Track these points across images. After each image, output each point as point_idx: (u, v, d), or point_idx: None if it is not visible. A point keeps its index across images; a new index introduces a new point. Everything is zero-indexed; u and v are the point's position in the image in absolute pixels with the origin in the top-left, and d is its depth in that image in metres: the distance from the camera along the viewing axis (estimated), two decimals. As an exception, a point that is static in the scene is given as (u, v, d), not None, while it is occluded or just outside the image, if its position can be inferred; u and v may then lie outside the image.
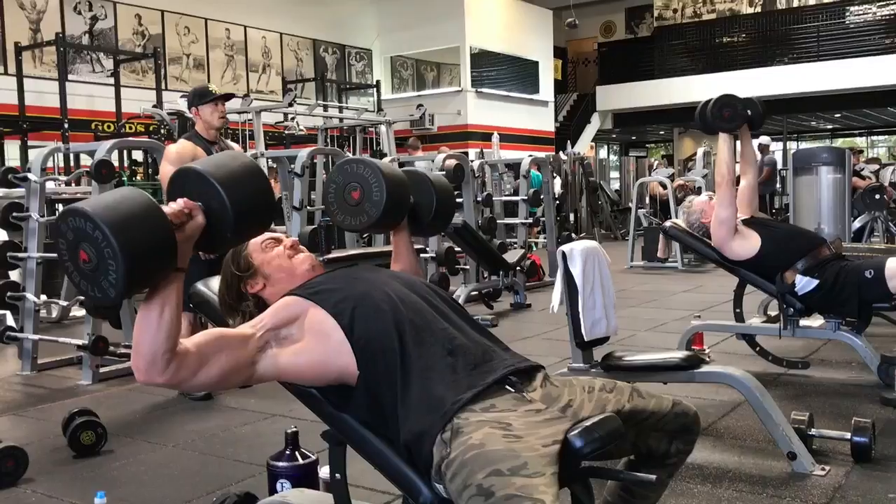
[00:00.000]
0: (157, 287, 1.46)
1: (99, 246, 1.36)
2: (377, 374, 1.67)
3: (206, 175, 1.52)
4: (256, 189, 1.58)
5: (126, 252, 1.35)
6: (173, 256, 1.45)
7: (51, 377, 4.78)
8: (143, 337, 1.47)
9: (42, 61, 12.32)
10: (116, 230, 1.35)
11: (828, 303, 3.85)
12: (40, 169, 4.93)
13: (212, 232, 1.53)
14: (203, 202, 1.52)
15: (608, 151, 26.77)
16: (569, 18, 19.14)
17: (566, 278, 3.08)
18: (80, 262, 1.40)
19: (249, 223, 1.59)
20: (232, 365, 1.59)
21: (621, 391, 1.69)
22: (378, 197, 1.98)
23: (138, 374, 1.50)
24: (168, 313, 1.47)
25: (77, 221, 1.39)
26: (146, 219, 1.40)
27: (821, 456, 2.89)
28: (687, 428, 1.77)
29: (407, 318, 1.68)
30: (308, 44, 17.04)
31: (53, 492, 2.84)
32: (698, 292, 7.72)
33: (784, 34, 20.39)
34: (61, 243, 1.43)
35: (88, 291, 1.42)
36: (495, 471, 1.39)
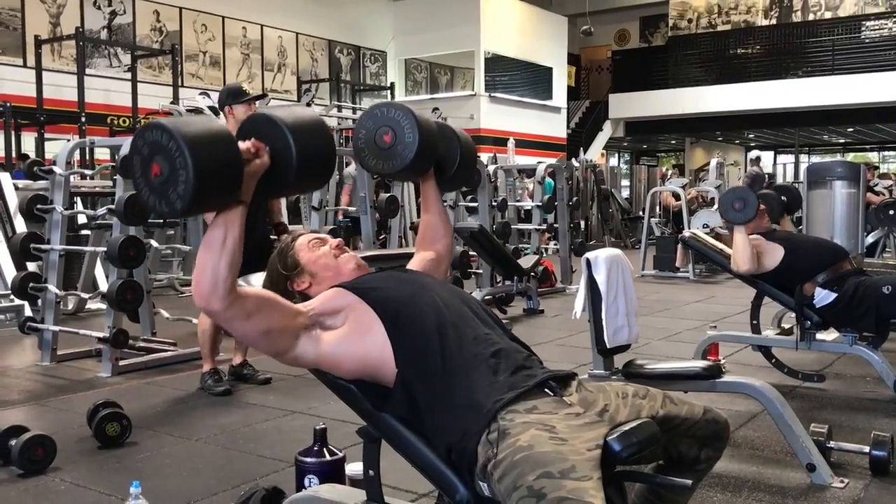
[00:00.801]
0: (221, 214, 1.55)
1: (172, 157, 1.44)
2: (416, 373, 1.70)
3: (276, 120, 1.60)
4: (321, 139, 1.65)
5: (197, 164, 1.43)
6: (239, 184, 1.52)
7: (70, 368, 4.83)
8: (206, 263, 1.54)
9: (61, 55, 12.42)
10: (190, 142, 1.43)
11: (845, 317, 3.88)
12: (65, 162, 4.99)
13: (275, 173, 1.60)
14: (270, 144, 1.59)
15: (619, 159, 26.79)
16: (584, 26, 19.20)
17: (590, 285, 3.11)
18: (151, 177, 1.48)
19: (311, 170, 1.65)
20: (279, 327, 1.66)
21: (654, 397, 1.72)
22: (411, 139, 1.97)
23: (199, 299, 1.57)
24: (231, 242, 1.54)
25: (154, 134, 1.47)
26: (219, 141, 1.49)
27: (839, 469, 2.92)
28: (717, 435, 1.80)
29: (450, 321, 1.72)
30: (323, 44, 17.12)
31: (81, 481, 2.89)
32: (710, 303, 7.74)
33: (799, 47, 20.41)
34: (136, 159, 1.51)
35: (157, 206, 1.50)
36: (546, 473, 1.42)
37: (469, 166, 2.24)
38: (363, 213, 6.09)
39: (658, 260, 10.18)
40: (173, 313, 5.74)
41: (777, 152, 28.39)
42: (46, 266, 4.99)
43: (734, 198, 3.93)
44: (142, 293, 4.66)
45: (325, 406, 3.74)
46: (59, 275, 4.98)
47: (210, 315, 1.60)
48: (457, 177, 2.22)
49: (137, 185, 1.53)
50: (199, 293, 1.56)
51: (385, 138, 2.01)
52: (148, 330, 5.40)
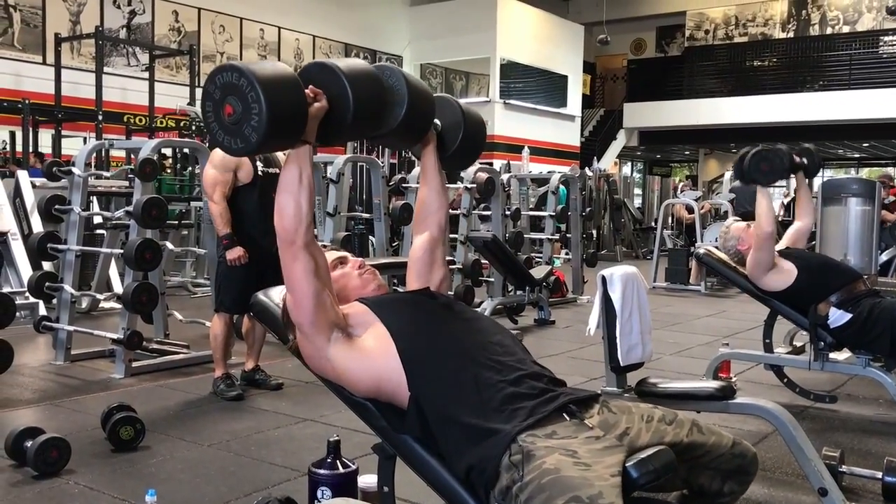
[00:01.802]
0: (292, 155, 1.68)
1: (245, 94, 1.55)
2: (430, 398, 1.71)
3: (332, 67, 1.70)
4: (374, 85, 1.75)
5: (269, 100, 1.54)
6: (304, 122, 1.63)
7: (83, 368, 4.86)
8: (289, 200, 1.68)
9: (80, 53, 12.51)
10: (262, 80, 1.55)
11: (860, 338, 3.86)
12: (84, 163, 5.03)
13: (334, 117, 1.70)
14: (327, 91, 1.68)
15: (632, 169, 26.75)
16: (601, 35, 19.19)
17: (605, 302, 3.11)
18: (224, 118, 1.60)
19: (367, 114, 1.74)
20: (328, 302, 1.76)
21: (681, 424, 1.72)
22: (400, 98, 1.88)
23: (285, 233, 1.69)
24: (306, 178, 1.69)
25: (226, 76, 1.59)
26: (287, 81, 1.60)
27: (851, 493, 2.91)
28: (743, 469, 1.78)
29: (468, 349, 1.73)
30: (340, 47, 17.18)
31: (94, 485, 2.91)
32: (722, 318, 7.72)
33: (815, 60, 20.35)
34: (208, 105, 1.62)
35: (231, 144, 1.61)
36: (575, 497, 1.42)
37: (474, 140, 2.13)
38: (377, 219, 6.11)
39: (670, 272, 10.16)
40: (186, 315, 5.77)
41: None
42: (63, 266, 5.03)
43: (761, 159, 3.92)
44: (157, 296, 4.69)
45: (337, 415, 3.76)
46: (76, 275, 5.02)
47: (290, 252, 1.69)
48: (461, 152, 2.11)
49: (210, 129, 1.64)
50: (284, 228, 1.68)
51: None
52: (161, 331, 5.43)
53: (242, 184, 4.16)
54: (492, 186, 7.07)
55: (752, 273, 3.92)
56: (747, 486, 1.84)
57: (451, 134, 2.09)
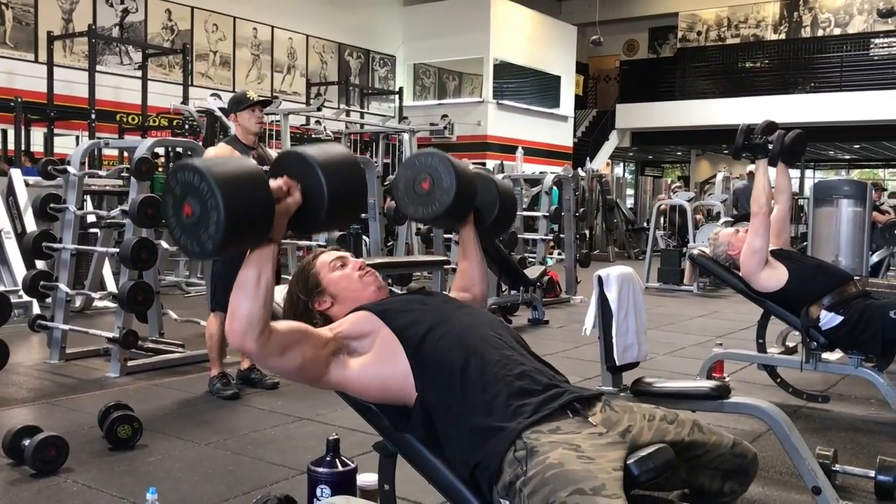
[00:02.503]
0: (254, 254, 1.58)
1: (204, 198, 1.47)
2: (436, 397, 1.72)
3: (308, 158, 1.62)
4: (352, 177, 1.67)
5: (228, 205, 1.45)
6: (270, 223, 1.54)
7: (78, 367, 4.86)
8: (241, 302, 1.57)
9: (72, 51, 12.47)
10: (222, 184, 1.46)
11: (852, 339, 3.89)
12: (79, 162, 5.02)
13: (307, 212, 1.63)
14: (302, 182, 1.61)
15: (624, 169, 26.82)
16: (594, 36, 19.23)
17: (601, 303, 3.13)
18: (183, 217, 1.51)
19: (342, 207, 1.67)
20: (311, 358, 1.69)
21: (682, 424, 1.74)
22: (448, 184, 2.01)
23: (233, 338, 1.60)
24: (264, 280, 1.57)
25: (187, 175, 1.50)
26: (250, 182, 1.51)
27: (844, 492, 2.94)
28: (743, 469, 1.80)
29: (472, 345, 1.74)
30: (333, 47, 17.17)
31: (93, 483, 2.91)
32: (714, 318, 7.76)
33: (807, 62, 20.46)
34: (168, 198, 1.54)
35: (187, 245, 1.53)
36: (578, 490, 1.45)
37: (508, 214, 2.27)
38: (371, 219, 6.12)
39: (662, 273, 10.21)
40: (181, 314, 5.77)
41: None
42: (58, 265, 5.03)
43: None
44: (152, 295, 4.69)
45: (334, 413, 3.77)
46: (70, 274, 5.01)
47: (245, 354, 1.63)
48: (496, 225, 2.25)
49: (170, 225, 1.55)
50: (234, 333, 1.58)
51: (424, 185, 2.07)
52: (156, 330, 5.43)
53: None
54: (486, 187, 7.08)
55: (748, 266, 3.92)
56: (747, 485, 1.86)
57: (487, 210, 2.21)
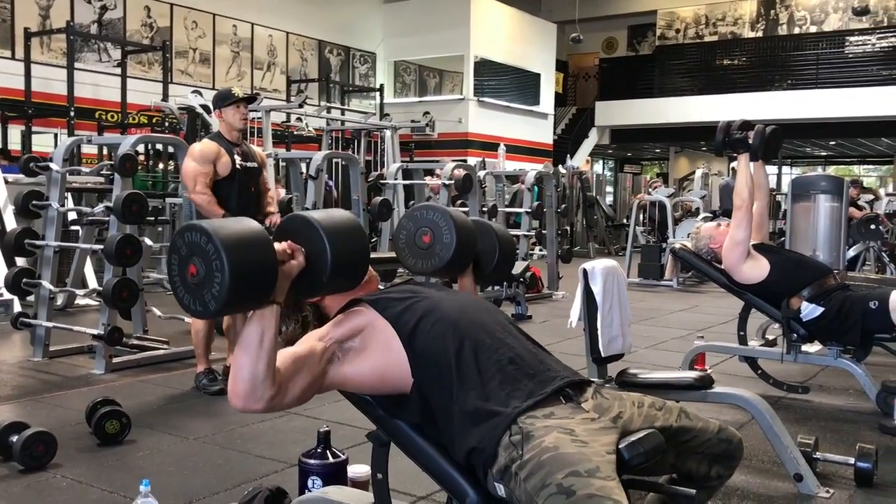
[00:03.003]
0: (256, 315, 1.56)
1: (209, 259, 1.47)
2: (432, 383, 1.75)
3: (314, 223, 1.64)
4: (355, 242, 1.70)
5: (233, 267, 1.46)
6: (273, 285, 1.55)
7: (62, 365, 4.84)
8: (244, 365, 1.55)
9: (50, 48, 12.35)
10: (228, 246, 1.47)
11: (831, 331, 3.97)
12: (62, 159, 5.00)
13: (310, 274, 1.64)
14: (306, 247, 1.63)
15: (604, 166, 26.96)
16: (573, 33, 19.32)
17: (586, 295, 3.18)
18: (187, 276, 1.51)
19: (345, 273, 1.70)
20: (309, 382, 1.69)
21: (670, 410, 1.79)
22: (448, 239, 2.08)
23: (237, 401, 1.57)
24: (267, 342, 1.55)
25: (193, 236, 1.50)
26: (256, 244, 1.51)
27: (824, 479, 3.00)
28: (729, 454, 1.86)
29: (466, 330, 1.77)
30: (314, 44, 17.13)
31: (82, 478, 2.92)
32: (695, 312, 7.84)
33: (784, 60, 20.65)
34: (174, 258, 1.55)
35: (190, 305, 1.53)
36: (574, 472, 1.48)
37: (507, 262, 2.31)
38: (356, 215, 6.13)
39: (643, 268, 10.30)
40: (164, 311, 5.75)
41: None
42: (41, 262, 5.01)
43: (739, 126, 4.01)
44: (137, 291, 4.68)
45: (322, 408, 3.79)
46: (54, 271, 4.99)
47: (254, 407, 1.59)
48: (495, 272, 2.29)
49: (173, 282, 1.56)
50: (237, 395, 1.56)
51: (425, 239, 2.12)
52: (140, 328, 5.42)
53: (221, 177, 4.20)
54: (469, 183, 7.13)
55: (730, 258, 3.97)
56: (733, 470, 1.91)
57: (486, 258, 2.26)
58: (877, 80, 18.91)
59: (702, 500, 1.90)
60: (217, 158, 4.21)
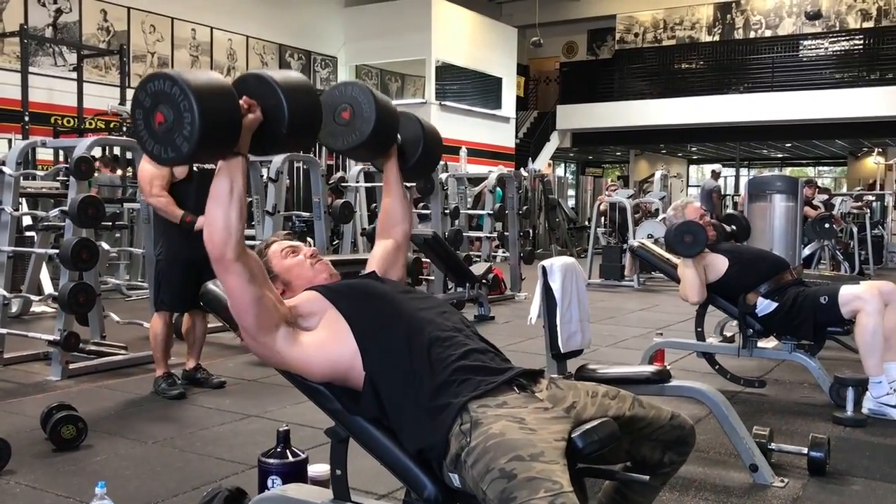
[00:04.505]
0: (223, 166, 1.64)
1: (177, 103, 1.52)
2: (384, 376, 1.76)
3: (267, 78, 1.69)
4: (309, 98, 1.74)
5: (202, 108, 1.51)
6: (238, 133, 1.61)
7: (17, 371, 4.75)
8: (218, 212, 1.64)
9: (3, 52, 12.13)
10: (195, 88, 1.52)
11: (785, 325, 4.06)
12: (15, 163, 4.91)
13: (268, 129, 1.69)
14: (261, 102, 1.68)
15: (566, 169, 27.16)
16: (533, 38, 19.45)
17: (545, 292, 3.20)
18: (154, 125, 1.56)
19: (302, 125, 1.73)
20: (269, 303, 1.75)
21: (623, 399, 1.82)
22: (368, 114, 2.03)
23: (213, 248, 1.65)
24: (237, 191, 1.65)
25: (158, 83, 1.55)
26: (220, 90, 1.58)
27: (779, 469, 3.06)
28: (682, 440, 1.89)
29: (417, 325, 1.79)
30: (274, 48, 17.03)
31: (38, 484, 2.87)
32: (654, 311, 7.94)
33: (740, 63, 21.00)
34: (138, 114, 1.59)
35: (161, 153, 1.58)
36: (517, 456, 1.50)
37: (433, 153, 2.28)
38: (317, 218, 6.11)
39: (604, 269, 10.40)
40: (123, 317, 5.68)
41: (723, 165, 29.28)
42: (-7, 268, 4.91)
43: (684, 231, 4.06)
44: (94, 296, 4.61)
45: (282, 410, 3.77)
46: (7, 277, 4.90)
47: (222, 265, 1.67)
48: (420, 164, 2.26)
49: (140, 137, 1.59)
50: (212, 243, 1.64)
51: (344, 115, 2.08)
52: (98, 333, 5.33)
53: (178, 179, 4.15)
54: (431, 185, 7.14)
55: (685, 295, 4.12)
56: (686, 456, 1.94)
57: (411, 147, 2.22)
58: (830, 83, 19.31)
59: (656, 485, 1.93)
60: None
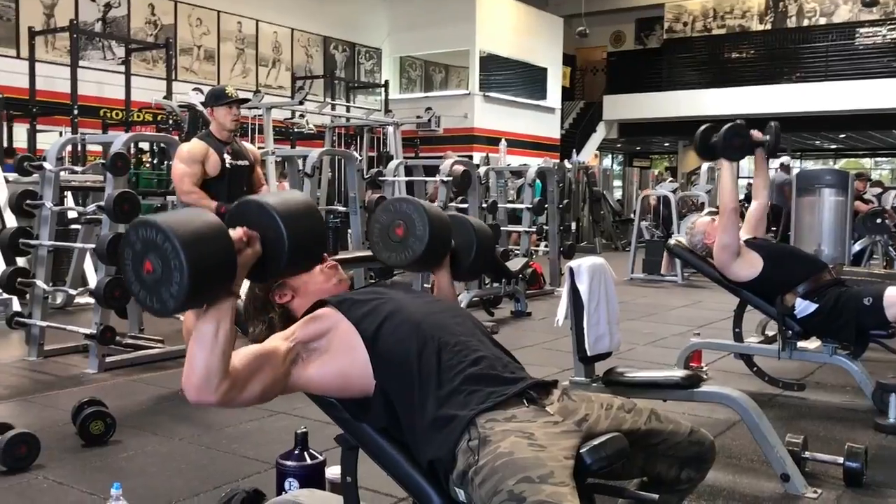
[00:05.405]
0: (212, 307, 1.52)
1: (167, 257, 1.42)
2: (395, 385, 1.73)
3: (268, 208, 1.59)
4: (312, 225, 1.66)
5: (192, 265, 1.41)
6: (233, 277, 1.51)
7: (57, 364, 4.84)
8: (198, 356, 1.52)
9: (54, 46, 12.38)
10: (186, 243, 1.41)
11: (826, 327, 3.92)
12: (55, 158, 5.00)
13: (266, 261, 1.60)
14: (261, 232, 1.59)
15: (612, 161, 26.85)
16: (579, 27, 19.21)
17: (572, 294, 3.14)
18: (143, 273, 1.45)
19: (302, 256, 1.66)
20: (271, 381, 1.66)
21: (640, 412, 1.75)
22: (421, 232, 2.05)
23: (190, 393, 1.54)
24: (223, 335, 1.52)
25: (148, 232, 1.44)
26: (214, 238, 1.46)
27: (813, 479, 2.96)
28: (700, 457, 1.81)
29: (428, 332, 1.74)
30: (319, 40, 17.11)
31: (64, 479, 2.91)
32: (697, 308, 7.79)
33: (793, 52, 20.49)
34: (127, 253, 1.48)
35: (147, 302, 1.47)
36: (525, 478, 1.46)
37: (486, 257, 2.28)
38: (353, 212, 6.11)
39: (647, 263, 10.23)
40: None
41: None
42: (35, 261, 5.01)
43: (733, 135, 3.95)
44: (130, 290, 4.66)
45: (310, 407, 3.73)
46: (48, 270, 5.00)
47: (207, 401, 1.56)
48: (473, 267, 2.27)
49: (127, 279, 1.49)
50: (189, 387, 1.53)
51: (398, 231, 2.10)
52: (136, 326, 5.41)
53: (211, 177, 4.17)
54: (468, 180, 7.09)
55: (720, 259, 3.95)
56: (705, 473, 1.87)
57: (463, 253, 2.23)
58: (887, 72, 18.72)
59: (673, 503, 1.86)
60: (205, 158, 4.20)
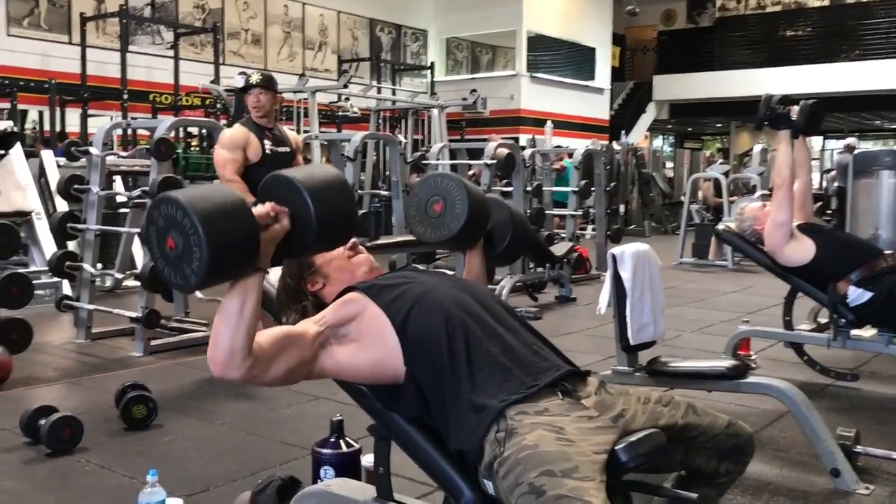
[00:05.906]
0: (238, 283, 1.52)
1: (187, 233, 1.43)
2: (425, 373, 1.70)
3: (296, 183, 1.58)
4: (341, 201, 1.64)
5: (211, 242, 1.42)
6: (255, 254, 1.51)
7: (104, 346, 4.93)
8: (223, 331, 1.52)
9: (105, 32, 12.57)
10: (205, 220, 1.42)
11: (881, 316, 3.77)
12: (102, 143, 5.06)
13: (295, 237, 1.59)
14: (290, 208, 1.57)
15: (663, 142, 26.41)
16: (629, 6, 18.86)
17: (615, 281, 3.07)
18: (166, 249, 1.47)
19: (332, 232, 1.64)
20: (297, 362, 1.66)
21: (677, 406, 1.70)
22: (460, 210, 2.02)
23: (214, 367, 1.55)
24: (248, 310, 1.52)
25: (169, 209, 1.46)
26: (234, 214, 1.47)
27: (865, 474, 2.85)
28: (739, 449, 1.77)
29: (459, 319, 1.71)
30: (365, 23, 17.09)
31: (106, 463, 2.95)
32: (747, 294, 7.61)
33: (852, 29, 19.84)
34: (151, 229, 1.50)
35: (171, 278, 1.50)
36: (547, 471, 1.42)
37: (520, 244, 2.25)
38: (395, 197, 6.09)
39: (697, 247, 10.04)
40: (206, 293, 5.80)
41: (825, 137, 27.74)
42: (83, 245, 5.09)
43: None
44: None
45: (348, 393, 3.76)
46: (95, 254, 5.07)
47: (231, 376, 1.56)
48: (507, 252, 2.24)
49: (153, 255, 1.52)
50: (214, 362, 1.54)
51: (436, 207, 2.07)
52: (181, 310, 5.48)
53: (252, 163, 4.19)
54: (512, 162, 7.00)
55: (772, 239, 3.80)
56: (744, 466, 1.82)
57: (498, 237, 2.20)
58: (952, 49, 18.05)
59: (712, 497, 1.81)
60: (246, 144, 4.22)
